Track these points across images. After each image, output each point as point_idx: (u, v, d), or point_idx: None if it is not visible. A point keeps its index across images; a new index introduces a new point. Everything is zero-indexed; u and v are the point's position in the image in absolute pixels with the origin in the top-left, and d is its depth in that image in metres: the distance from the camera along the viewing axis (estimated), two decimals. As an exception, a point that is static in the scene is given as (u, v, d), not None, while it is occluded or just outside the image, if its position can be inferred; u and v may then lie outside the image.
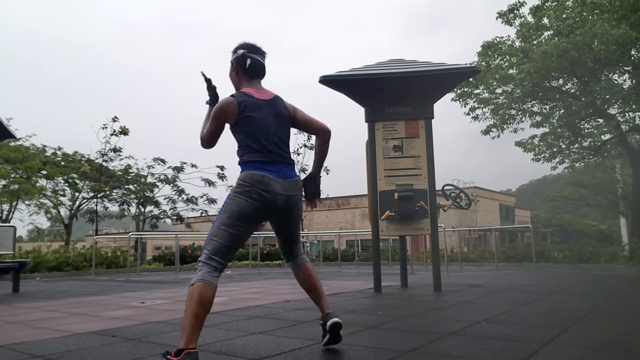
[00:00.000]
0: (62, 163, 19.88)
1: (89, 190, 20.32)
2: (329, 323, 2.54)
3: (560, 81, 16.12)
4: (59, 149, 20.36)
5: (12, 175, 18.55)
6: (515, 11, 15.34)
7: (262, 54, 2.68)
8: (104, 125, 18.63)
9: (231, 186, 2.66)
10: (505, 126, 17.13)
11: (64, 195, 20.73)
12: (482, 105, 17.13)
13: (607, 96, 15.41)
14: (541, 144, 17.25)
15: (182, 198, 21.09)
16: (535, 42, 15.22)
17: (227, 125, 2.53)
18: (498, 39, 16.27)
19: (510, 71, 15.81)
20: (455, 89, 15.95)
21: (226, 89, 2.67)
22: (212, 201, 20.76)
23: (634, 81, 14.49)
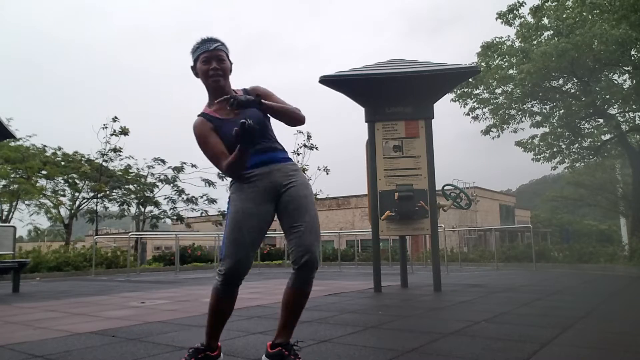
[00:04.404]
0: (62, 163, 19.86)
1: (89, 190, 20.31)
2: None
3: (560, 81, 16.12)
4: (59, 149, 20.35)
5: (12, 175, 18.54)
6: (515, 11, 15.32)
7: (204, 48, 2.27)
8: (104, 125, 18.61)
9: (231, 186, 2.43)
10: (505, 126, 17.13)
11: (64, 195, 20.72)
12: (482, 106, 17.13)
13: (607, 96, 15.41)
14: (541, 144, 17.25)
15: (182, 198, 21.07)
16: (535, 42, 15.21)
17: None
18: (497, 40, 16.27)
19: (510, 71, 15.80)
20: (455, 89, 15.94)
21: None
22: (212, 201, 20.74)
23: (634, 81, 14.49)
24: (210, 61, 2.25)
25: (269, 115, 2.31)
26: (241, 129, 1.96)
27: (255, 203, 2.20)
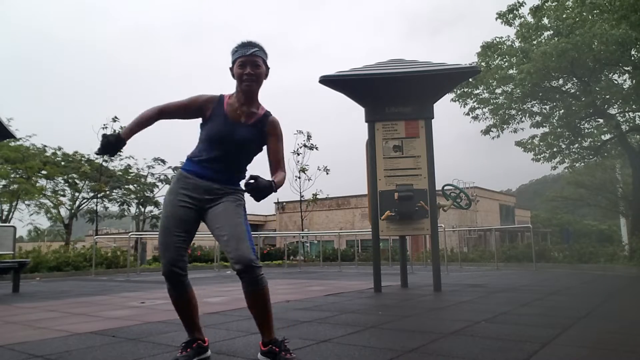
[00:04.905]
0: (62, 163, 19.88)
1: (89, 190, 20.32)
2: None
3: (560, 81, 16.09)
4: (59, 149, 20.38)
5: (12, 175, 18.55)
6: (515, 11, 15.31)
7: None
8: (104, 125, 18.63)
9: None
10: (505, 126, 17.11)
11: (64, 195, 20.74)
12: (482, 106, 17.12)
13: (607, 96, 15.39)
14: (541, 144, 17.23)
15: (182, 198, 21.07)
16: (535, 42, 15.20)
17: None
18: (497, 40, 16.27)
19: (510, 71, 15.79)
20: (455, 89, 15.93)
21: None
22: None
23: (634, 81, 14.48)
24: (246, 66, 2.34)
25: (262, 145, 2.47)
26: (250, 188, 2.21)
27: (182, 211, 2.33)
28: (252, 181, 2.20)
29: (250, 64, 2.34)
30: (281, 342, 2.26)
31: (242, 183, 2.36)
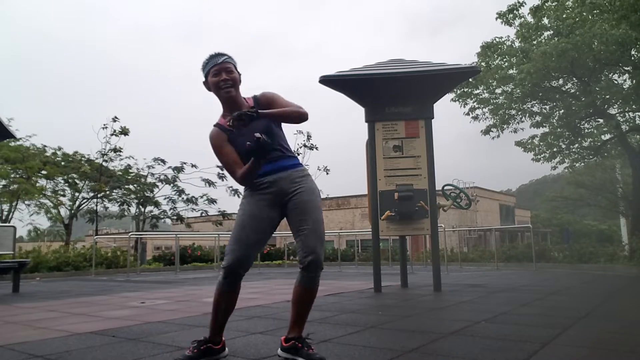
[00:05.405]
0: (62, 163, 19.86)
1: (89, 190, 20.30)
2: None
3: (560, 81, 16.09)
4: (59, 149, 20.35)
5: (12, 175, 18.54)
6: (515, 11, 15.31)
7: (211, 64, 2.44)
8: (104, 125, 18.61)
9: (231, 187, 2.54)
10: (505, 126, 17.11)
11: (64, 195, 20.72)
12: (482, 106, 17.12)
13: (607, 96, 15.40)
14: (541, 144, 17.23)
15: (182, 198, 21.07)
16: (535, 42, 15.20)
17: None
18: (497, 40, 16.27)
19: (510, 71, 15.79)
20: (455, 89, 15.93)
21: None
22: (212, 201, 20.72)
23: (634, 81, 14.48)
24: (220, 73, 2.42)
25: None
26: (255, 143, 2.12)
27: (260, 208, 2.38)
28: (259, 140, 2.12)
29: (224, 70, 2.42)
30: (304, 338, 2.34)
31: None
